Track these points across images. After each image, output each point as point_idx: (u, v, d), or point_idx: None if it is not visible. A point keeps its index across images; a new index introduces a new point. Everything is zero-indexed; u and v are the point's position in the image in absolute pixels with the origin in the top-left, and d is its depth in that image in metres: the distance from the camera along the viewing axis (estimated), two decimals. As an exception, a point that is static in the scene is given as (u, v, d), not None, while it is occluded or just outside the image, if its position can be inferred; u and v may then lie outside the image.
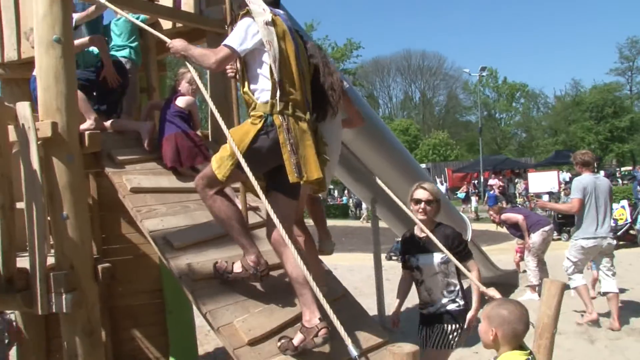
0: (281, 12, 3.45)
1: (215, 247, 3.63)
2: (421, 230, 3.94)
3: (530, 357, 2.57)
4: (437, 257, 3.84)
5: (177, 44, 3.49)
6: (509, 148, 59.30)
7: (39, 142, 3.53)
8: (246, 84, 3.30)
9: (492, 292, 3.58)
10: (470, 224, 8.45)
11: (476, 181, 34.31)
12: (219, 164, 3.19)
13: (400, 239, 5.03)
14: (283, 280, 3.54)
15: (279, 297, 3.45)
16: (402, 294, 4.16)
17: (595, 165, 7.89)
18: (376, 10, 79.68)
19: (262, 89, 3.23)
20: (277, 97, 3.17)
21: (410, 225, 8.47)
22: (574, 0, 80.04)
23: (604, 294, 7.09)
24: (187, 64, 3.56)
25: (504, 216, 8.97)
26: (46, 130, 3.55)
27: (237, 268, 3.36)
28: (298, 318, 3.22)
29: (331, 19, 77.64)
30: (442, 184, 30.88)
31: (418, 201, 3.95)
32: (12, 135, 3.64)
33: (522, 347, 2.60)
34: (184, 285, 3.34)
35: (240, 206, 3.69)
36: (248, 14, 3.26)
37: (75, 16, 4.53)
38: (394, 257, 12.08)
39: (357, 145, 7.19)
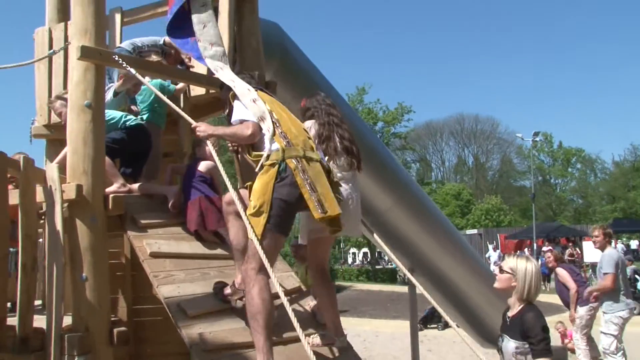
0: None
1: (231, 317, 3.55)
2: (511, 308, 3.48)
3: None
4: (512, 344, 3.33)
5: (204, 127, 3.59)
6: (564, 214, 57.55)
7: (64, 204, 3.61)
8: (252, 151, 3.40)
9: None
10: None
11: (529, 248, 33.28)
12: (254, 223, 3.13)
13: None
14: None
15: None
16: None
17: None
18: (429, 73, 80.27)
19: (268, 146, 3.30)
20: (285, 144, 3.26)
21: (450, 296, 8.27)
22: (630, 65, 78.71)
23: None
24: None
25: (559, 270, 8.47)
26: (71, 192, 3.62)
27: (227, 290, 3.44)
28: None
29: (383, 83, 78.44)
30: (494, 250, 30.01)
31: (501, 270, 3.50)
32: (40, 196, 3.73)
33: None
34: (194, 356, 3.25)
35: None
36: (236, 97, 3.50)
37: (115, 85, 4.71)
38: (430, 326, 11.67)
39: (395, 214, 7.10)
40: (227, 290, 3.60)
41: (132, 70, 3.88)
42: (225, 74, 3.82)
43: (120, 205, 3.85)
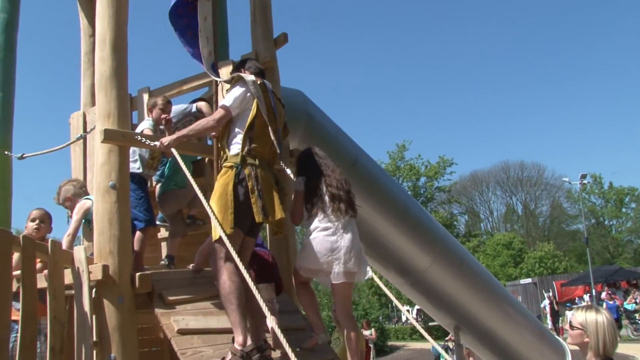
0: (267, 82, 4.14)
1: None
2: None
3: None
4: None
5: (166, 139, 3.94)
6: (623, 257, 55.29)
7: (91, 285, 3.65)
8: (224, 138, 3.88)
9: None
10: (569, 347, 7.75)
11: (588, 294, 31.93)
12: (222, 220, 3.61)
13: None
14: None
15: None
16: None
17: None
18: (469, 124, 79.87)
19: (234, 142, 3.82)
20: (246, 152, 3.76)
21: (500, 352, 7.95)
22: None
23: None
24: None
25: None
26: (98, 273, 3.66)
27: (228, 357, 3.54)
28: None
29: (423, 137, 78.39)
30: (550, 300, 28.90)
31: (571, 326, 3.25)
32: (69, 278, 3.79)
33: None
34: None
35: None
36: (241, 79, 3.91)
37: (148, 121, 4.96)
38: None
39: (434, 272, 6.96)
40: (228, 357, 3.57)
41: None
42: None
43: (148, 283, 3.87)
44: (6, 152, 5.38)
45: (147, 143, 4.07)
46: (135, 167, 4.71)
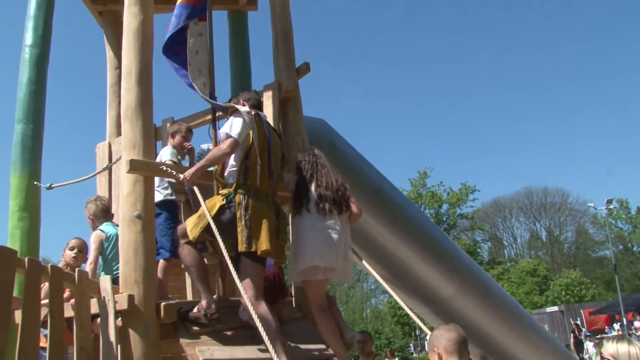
0: (261, 113, 4.36)
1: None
2: None
3: None
4: None
5: (186, 173, 4.07)
6: (655, 283, 54.06)
7: (117, 314, 3.66)
8: (223, 163, 4.06)
9: None
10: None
11: (619, 323, 31.18)
12: (191, 226, 3.95)
13: None
14: None
15: None
16: None
17: None
18: (491, 150, 79.42)
19: (231, 173, 4.01)
20: (242, 181, 3.94)
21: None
22: None
23: None
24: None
25: None
26: (123, 303, 3.68)
27: (194, 310, 3.98)
28: None
29: (444, 164, 78.10)
30: (573, 329, 28.28)
31: (602, 358, 3.11)
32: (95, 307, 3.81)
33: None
34: None
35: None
36: (237, 111, 4.10)
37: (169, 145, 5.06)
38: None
39: (460, 300, 6.88)
40: (194, 311, 4.00)
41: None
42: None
43: (173, 313, 3.88)
44: (35, 183, 5.47)
45: (171, 173, 4.13)
46: (167, 193, 4.78)
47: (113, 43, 6.80)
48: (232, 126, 4.01)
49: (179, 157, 4.98)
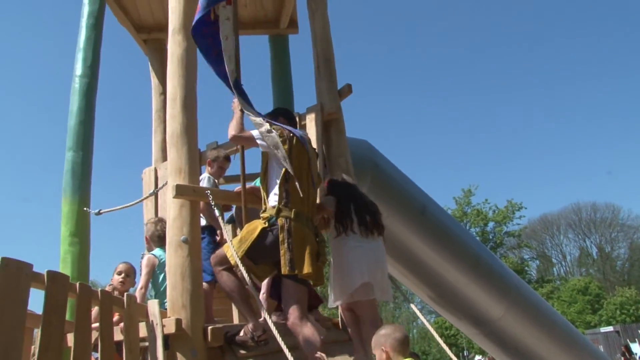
0: (304, 134, 4.37)
1: None
2: None
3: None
4: None
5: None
6: None
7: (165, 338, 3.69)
8: (265, 185, 4.08)
9: None
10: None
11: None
12: (233, 251, 3.86)
13: None
14: None
15: None
16: None
17: None
18: (537, 166, 77.86)
19: (273, 194, 3.99)
20: (283, 204, 3.92)
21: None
22: None
23: None
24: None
25: None
26: (171, 327, 3.70)
27: (241, 333, 3.91)
28: None
29: (490, 181, 76.89)
30: (629, 351, 27.25)
31: None
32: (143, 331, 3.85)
33: (414, 353, 3.23)
34: None
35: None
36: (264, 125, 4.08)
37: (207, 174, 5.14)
38: None
39: (508, 321, 6.72)
40: (241, 334, 3.93)
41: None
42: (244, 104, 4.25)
43: (220, 337, 3.88)
44: (85, 209, 5.58)
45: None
46: None
47: (157, 70, 6.97)
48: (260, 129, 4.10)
49: (216, 184, 5.04)
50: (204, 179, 4.97)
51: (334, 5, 5.80)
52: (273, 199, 3.99)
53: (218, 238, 4.97)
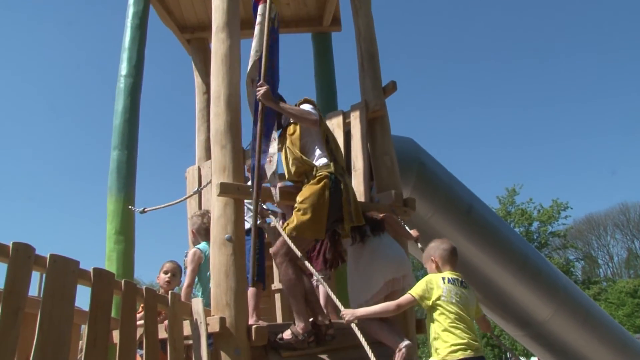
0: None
1: None
2: None
3: (461, 279, 3.44)
4: None
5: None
6: None
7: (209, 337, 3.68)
8: (300, 154, 4.13)
9: None
10: None
11: None
12: (306, 219, 3.86)
13: None
14: None
15: None
16: None
17: None
18: (583, 164, 75.95)
19: (318, 156, 4.11)
20: (333, 161, 4.08)
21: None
22: None
23: None
24: None
25: None
26: (215, 325, 3.69)
27: (287, 335, 3.85)
28: None
29: (535, 180, 75.32)
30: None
31: None
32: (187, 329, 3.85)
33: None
34: None
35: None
36: (307, 101, 4.34)
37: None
38: None
39: (556, 323, 6.54)
40: (287, 335, 3.87)
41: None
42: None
43: (264, 336, 3.84)
44: (130, 207, 5.64)
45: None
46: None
47: (201, 69, 7.01)
48: (308, 110, 4.23)
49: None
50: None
51: (376, 1, 5.71)
52: (321, 159, 4.11)
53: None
